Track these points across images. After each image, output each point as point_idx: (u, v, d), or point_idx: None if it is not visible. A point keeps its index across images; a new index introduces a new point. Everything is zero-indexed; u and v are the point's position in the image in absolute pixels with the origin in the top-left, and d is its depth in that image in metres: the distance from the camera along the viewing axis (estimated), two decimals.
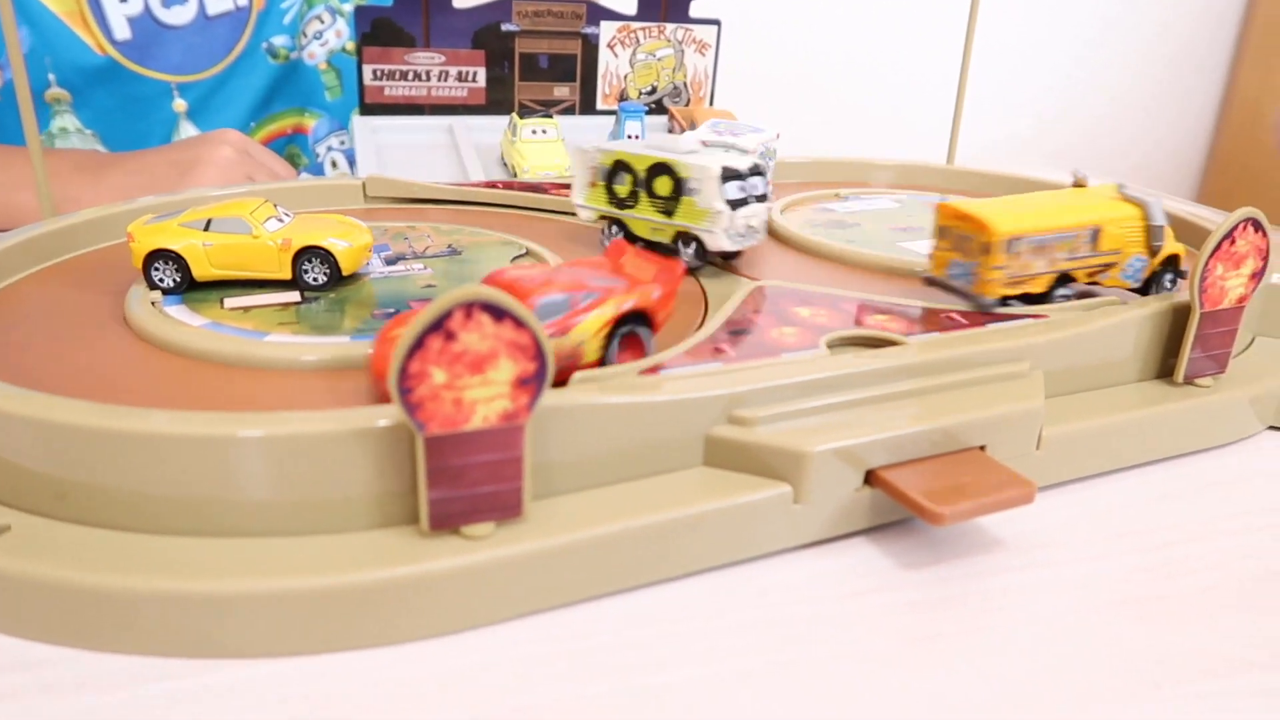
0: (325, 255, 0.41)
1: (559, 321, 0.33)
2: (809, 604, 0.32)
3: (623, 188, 0.47)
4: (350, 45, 0.92)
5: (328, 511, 0.30)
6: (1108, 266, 0.43)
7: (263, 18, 0.85)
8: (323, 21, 0.89)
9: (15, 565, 0.28)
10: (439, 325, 0.27)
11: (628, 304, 0.34)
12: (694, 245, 0.45)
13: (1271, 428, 0.44)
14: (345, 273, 0.42)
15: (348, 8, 0.90)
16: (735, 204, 0.44)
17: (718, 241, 0.44)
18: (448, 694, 0.27)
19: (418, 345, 0.27)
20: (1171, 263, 0.44)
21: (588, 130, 0.86)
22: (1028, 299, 0.42)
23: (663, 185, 0.45)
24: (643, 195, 0.46)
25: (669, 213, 0.45)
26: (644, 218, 0.46)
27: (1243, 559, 0.35)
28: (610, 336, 0.34)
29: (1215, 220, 0.56)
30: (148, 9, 0.80)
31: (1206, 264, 0.39)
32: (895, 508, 0.35)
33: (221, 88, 0.85)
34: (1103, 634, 0.31)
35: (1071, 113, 1.81)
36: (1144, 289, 0.44)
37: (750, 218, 0.45)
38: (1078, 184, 0.44)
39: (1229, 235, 0.39)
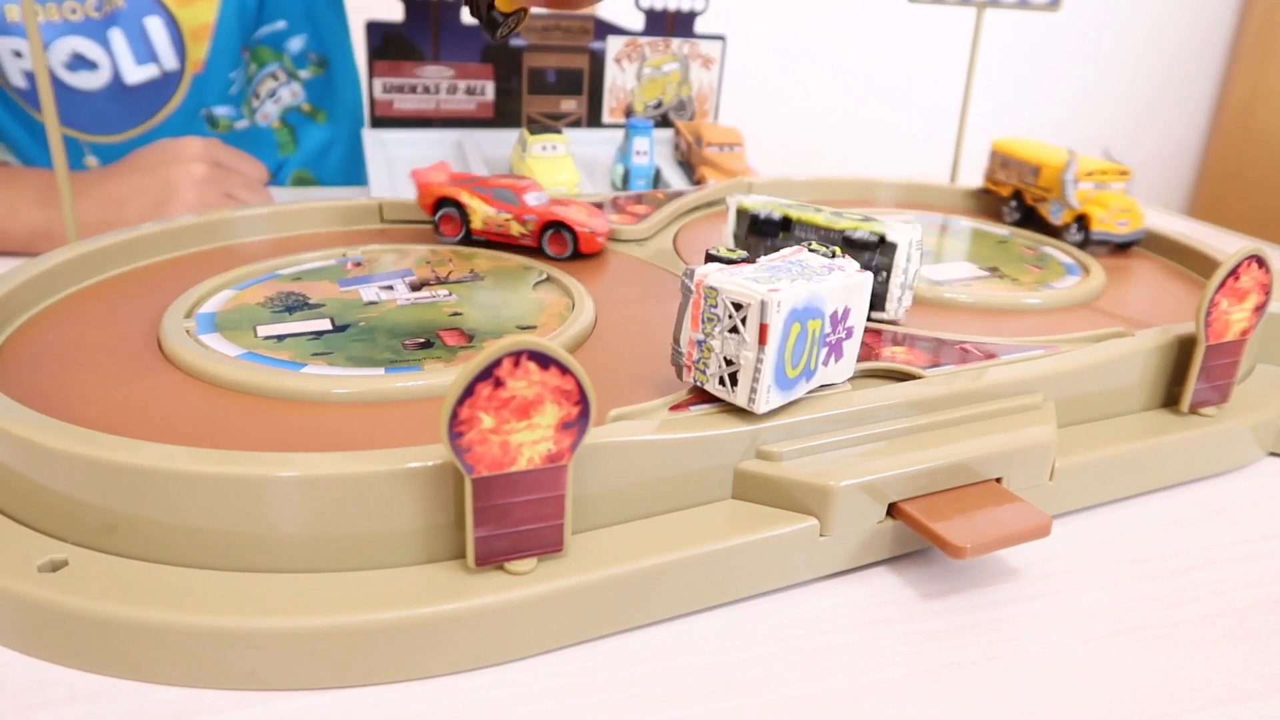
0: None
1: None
2: (831, 634, 0.33)
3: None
4: (306, 107, 0.90)
5: (375, 548, 0.31)
6: (1039, 200, 0.62)
7: (200, 82, 0.81)
8: (277, 79, 0.88)
9: (73, 600, 0.29)
10: (488, 373, 0.28)
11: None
12: None
13: (1272, 454, 0.46)
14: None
15: (305, 74, 0.89)
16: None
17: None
18: None
19: (468, 392, 0.28)
20: (1082, 221, 0.60)
21: (595, 144, 0.87)
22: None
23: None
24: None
25: None
26: None
27: (1245, 587, 0.36)
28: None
29: (1203, 239, 0.58)
30: (49, 68, 0.77)
31: (1212, 299, 0.41)
32: (915, 537, 0.36)
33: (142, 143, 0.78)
34: (1112, 663, 0.32)
35: (1066, 122, 1.83)
36: (1058, 233, 0.61)
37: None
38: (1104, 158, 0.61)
39: (1233, 271, 0.41)
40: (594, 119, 0.89)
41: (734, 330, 0.34)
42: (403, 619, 0.29)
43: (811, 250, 0.38)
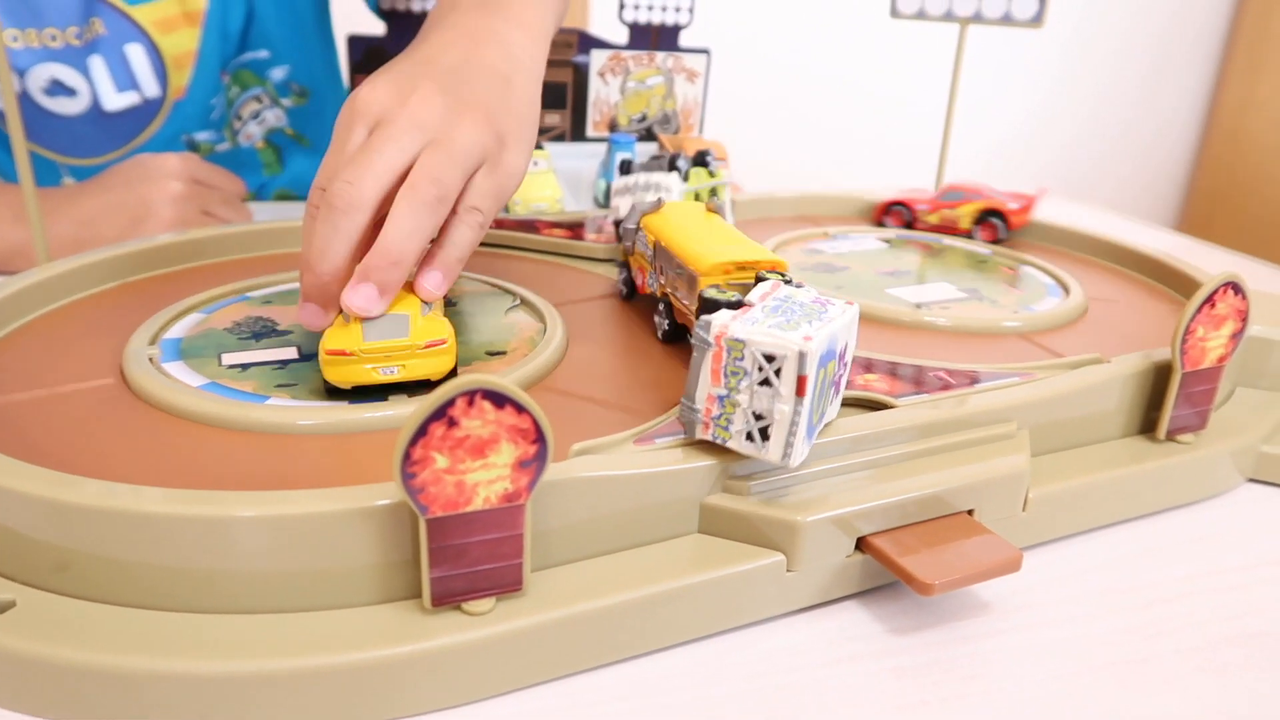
0: None
1: None
2: (799, 671, 0.33)
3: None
4: (290, 131, 0.89)
5: (329, 587, 0.30)
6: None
7: (180, 107, 0.80)
8: (260, 102, 0.87)
9: (21, 644, 0.28)
10: (442, 413, 0.27)
11: None
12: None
13: (1252, 480, 0.45)
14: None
15: (288, 102, 0.88)
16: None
17: None
18: None
19: (421, 432, 0.27)
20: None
21: (579, 158, 0.86)
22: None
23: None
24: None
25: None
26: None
27: (1221, 620, 0.36)
28: None
29: (1187, 257, 0.57)
30: (26, 92, 0.75)
31: (1188, 326, 0.40)
32: (885, 571, 0.36)
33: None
34: (1084, 701, 0.32)
35: (1051, 136, 1.83)
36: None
37: None
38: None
39: (1209, 299, 0.40)
40: (578, 133, 0.88)
41: (766, 383, 0.32)
42: (358, 661, 0.29)
43: (786, 282, 0.38)
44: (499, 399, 0.28)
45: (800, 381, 0.31)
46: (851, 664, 0.33)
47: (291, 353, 0.42)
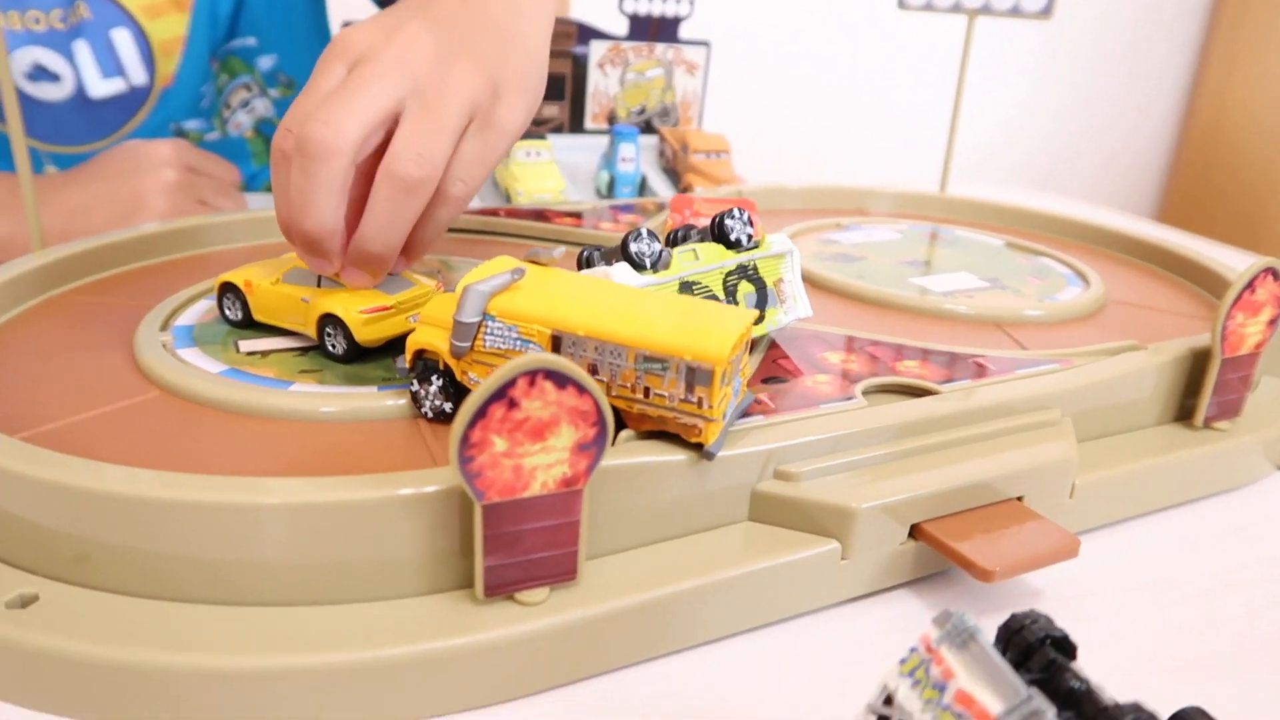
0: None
1: None
2: (855, 665, 0.31)
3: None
4: (279, 122, 0.87)
5: (373, 578, 0.29)
6: None
7: (168, 96, 0.77)
8: (249, 91, 0.84)
9: (46, 639, 0.27)
10: (502, 393, 0.26)
11: None
12: None
13: None
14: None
15: (275, 93, 0.85)
16: None
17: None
18: None
19: (480, 414, 0.26)
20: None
21: (578, 150, 0.85)
22: None
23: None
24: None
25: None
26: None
27: (1274, 606, 0.35)
28: None
29: (1188, 248, 0.57)
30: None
31: (1229, 312, 0.40)
32: (936, 558, 0.35)
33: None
34: (1149, 694, 0.31)
35: (1029, 128, 1.84)
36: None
37: None
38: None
39: (1249, 285, 0.40)
40: (576, 125, 0.87)
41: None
42: (405, 655, 0.27)
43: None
44: (561, 379, 0.26)
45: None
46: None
47: (311, 339, 0.40)
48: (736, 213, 0.39)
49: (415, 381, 0.34)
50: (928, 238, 0.63)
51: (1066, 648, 0.24)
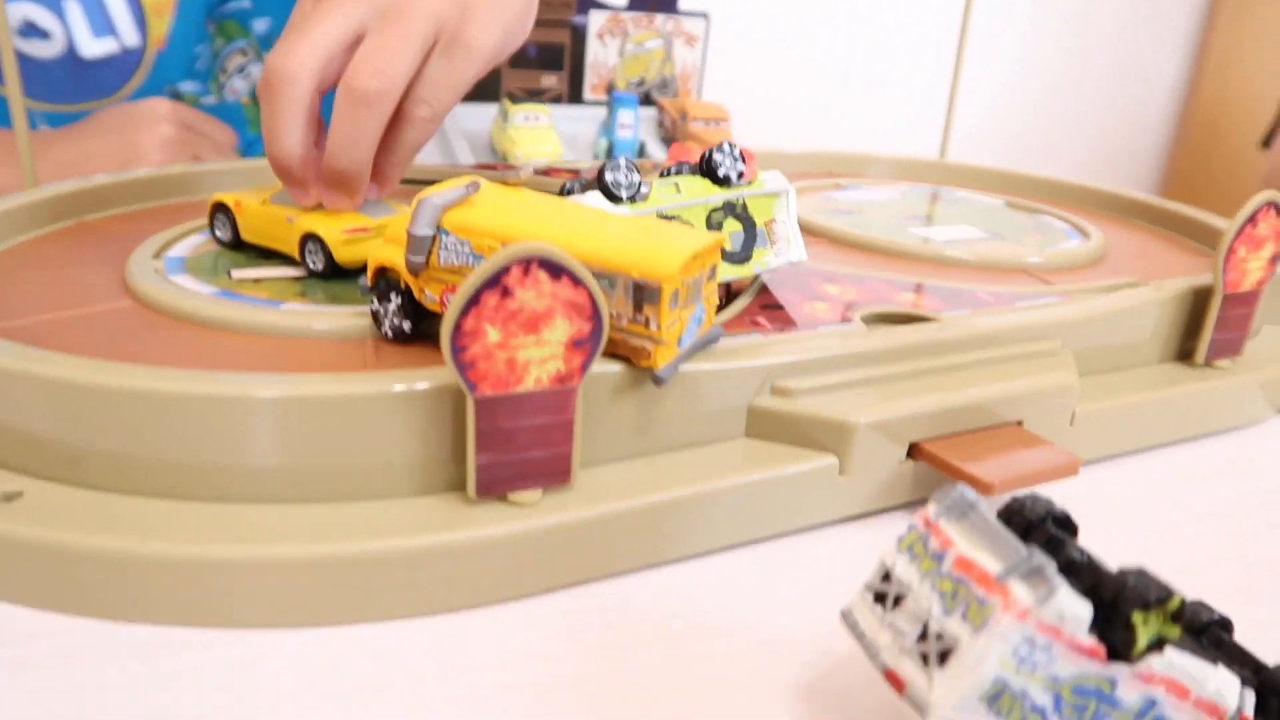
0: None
1: None
2: (850, 580, 0.31)
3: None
4: None
5: (366, 477, 0.28)
6: None
7: (163, 59, 0.76)
8: (245, 55, 0.84)
9: (29, 531, 0.26)
10: (496, 281, 0.26)
11: None
12: None
13: None
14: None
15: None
16: None
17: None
18: (489, 664, 0.26)
19: (473, 301, 0.26)
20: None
21: (578, 120, 0.85)
22: None
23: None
24: None
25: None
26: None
27: (1273, 533, 0.35)
28: None
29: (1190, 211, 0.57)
30: None
31: (1231, 246, 0.40)
32: (935, 482, 0.34)
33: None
34: None
35: (1029, 102, 1.84)
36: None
37: None
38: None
39: (1251, 218, 0.40)
40: (575, 95, 0.87)
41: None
42: (395, 549, 0.27)
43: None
44: (555, 269, 0.26)
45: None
46: None
47: (302, 270, 0.40)
48: (728, 147, 0.38)
49: (375, 300, 0.33)
50: (928, 197, 0.63)
51: (1069, 526, 0.23)
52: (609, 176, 0.35)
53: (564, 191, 0.36)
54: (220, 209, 0.41)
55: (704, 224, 0.37)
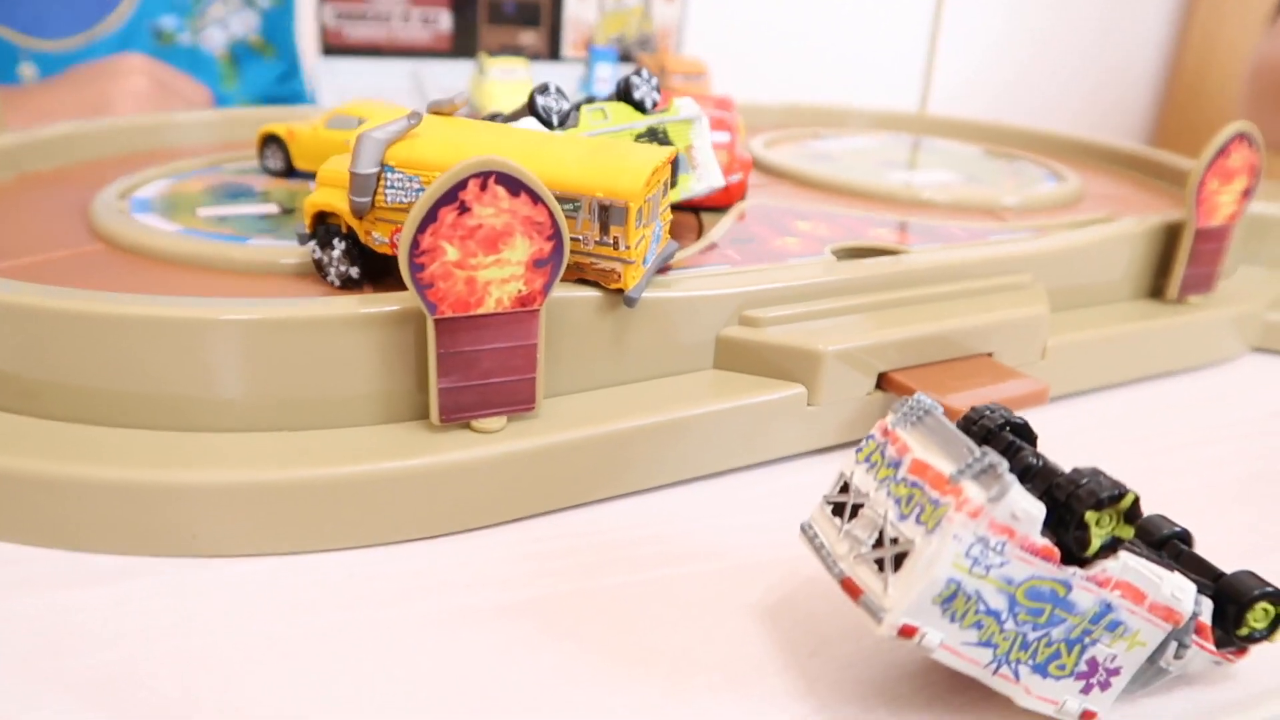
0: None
1: None
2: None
3: None
4: (255, 39, 0.84)
5: (329, 405, 0.28)
6: None
7: None
8: (227, 5, 0.83)
9: None
10: (453, 196, 0.25)
11: None
12: None
13: (1257, 350, 0.45)
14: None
15: (265, 3, 0.83)
16: None
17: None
18: (452, 589, 0.26)
19: (430, 218, 0.25)
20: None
21: (557, 78, 0.84)
22: None
23: None
24: None
25: None
26: None
27: (1245, 460, 0.35)
28: None
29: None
30: None
31: (1202, 178, 0.40)
32: None
33: (83, 60, 0.72)
34: None
35: (1015, 62, 1.82)
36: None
37: None
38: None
39: (1223, 149, 0.40)
40: (554, 52, 0.86)
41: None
42: (359, 474, 0.26)
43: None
44: (514, 185, 0.26)
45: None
46: None
47: (273, 208, 0.40)
48: (644, 73, 0.38)
49: (317, 248, 0.32)
50: (906, 146, 0.62)
51: (1027, 434, 0.23)
52: (540, 101, 0.35)
53: (492, 118, 0.35)
54: (271, 140, 0.43)
55: None
